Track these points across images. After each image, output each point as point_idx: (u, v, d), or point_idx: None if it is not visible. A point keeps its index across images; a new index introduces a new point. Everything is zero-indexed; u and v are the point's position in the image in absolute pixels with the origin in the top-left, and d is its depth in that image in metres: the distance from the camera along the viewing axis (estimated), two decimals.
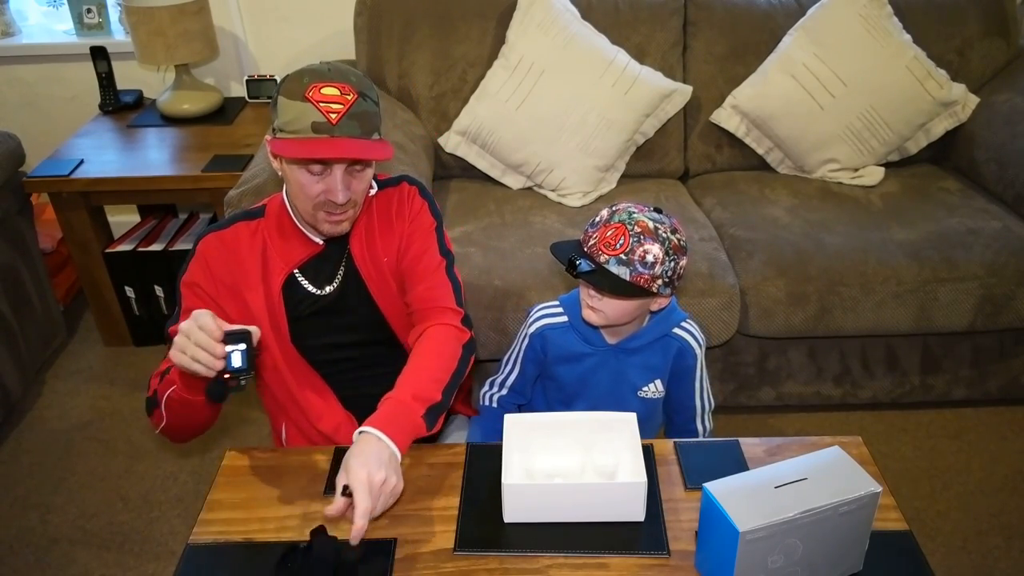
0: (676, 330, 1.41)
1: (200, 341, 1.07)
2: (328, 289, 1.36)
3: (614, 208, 1.29)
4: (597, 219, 1.30)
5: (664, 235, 1.24)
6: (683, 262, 1.28)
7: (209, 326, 1.08)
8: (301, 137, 1.18)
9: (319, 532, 1.07)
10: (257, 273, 1.32)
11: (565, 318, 1.44)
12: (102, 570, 1.85)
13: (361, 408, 1.35)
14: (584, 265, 1.25)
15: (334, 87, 1.18)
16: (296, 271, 1.34)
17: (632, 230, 1.23)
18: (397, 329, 1.42)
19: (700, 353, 1.43)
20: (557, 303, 1.46)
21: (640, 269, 1.23)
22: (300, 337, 1.37)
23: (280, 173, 1.28)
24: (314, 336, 1.38)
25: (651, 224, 1.24)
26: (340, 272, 1.37)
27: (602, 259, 1.24)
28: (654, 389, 1.45)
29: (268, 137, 1.25)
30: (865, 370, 2.15)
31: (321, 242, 1.34)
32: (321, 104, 1.17)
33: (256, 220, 1.34)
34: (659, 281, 1.25)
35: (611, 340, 1.42)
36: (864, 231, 2.06)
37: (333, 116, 1.17)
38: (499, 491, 1.14)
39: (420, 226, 1.38)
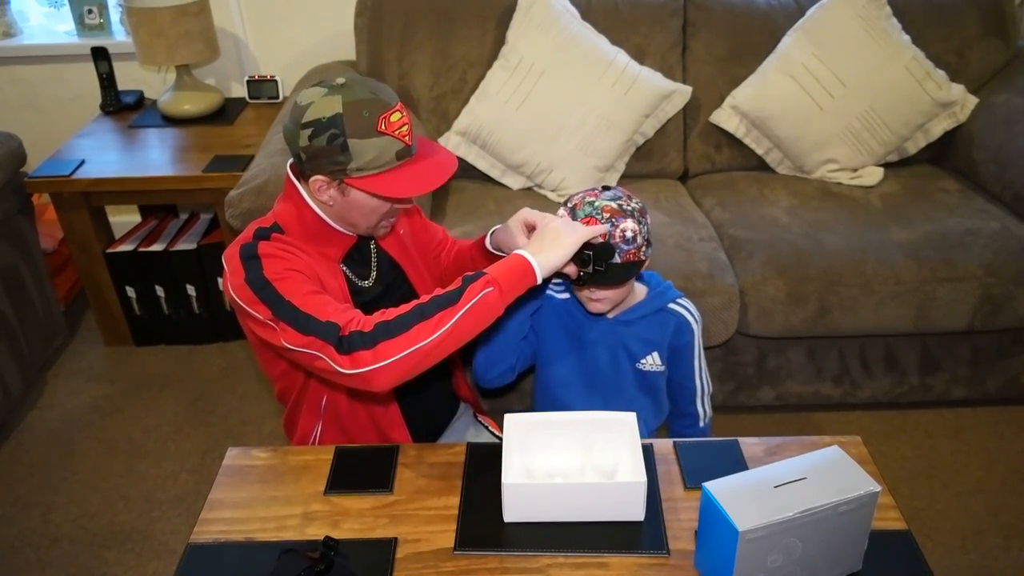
0: (672, 305, 1.45)
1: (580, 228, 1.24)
2: (372, 276, 1.39)
3: (572, 205, 1.33)
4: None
5: (629, 208, 1.30)
6: (649, 219, 1.34)
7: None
8: (387, 169, 1.18)
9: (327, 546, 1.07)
10: (321, 273, 1.27)
11: (567, 295, 1.48)
12: (103, 569, 1.86)
13: (409, 408, 1.41)
14: (586, 266, 1.27)
15: (395, 112, 1.17)
16: (342, 266, 1.34)
17: (603, 218, 1.28)
18: None
19: (697, 329, 1.47)
20: (561, 281, 1.50)
21: (625, 247, 1.28)
22: None
23: (331, 203, 1.23)
24: None
25: (614, 204, 1.30)
26: (374, 260, 1.39)
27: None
28: (652, 362, 1.47)
29: (323, 178, 1.19)
30: (864, 370, 2.15)
31: (354, 234, 1.33)
32: (396, 132, 1.17)
33: (284, 236, 1.27)
34: (643, 248, 1.31)
35: (610, 314, 1.45)
36: (863, 231, 2.06)
37: (408, 139, 1.19)
38: (499, 491, 1.14)
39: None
